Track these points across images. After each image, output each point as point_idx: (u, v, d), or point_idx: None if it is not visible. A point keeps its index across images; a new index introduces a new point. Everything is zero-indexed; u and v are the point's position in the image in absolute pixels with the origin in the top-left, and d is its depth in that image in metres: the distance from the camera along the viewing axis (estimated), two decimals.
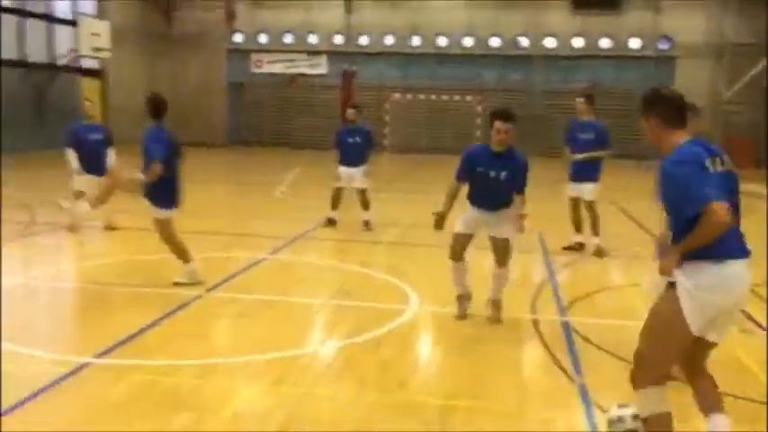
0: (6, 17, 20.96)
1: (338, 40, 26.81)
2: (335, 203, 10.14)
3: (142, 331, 5.40)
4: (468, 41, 25.93)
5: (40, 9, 22.40)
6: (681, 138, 3.39)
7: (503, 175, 5.64)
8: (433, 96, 26.32)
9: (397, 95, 26.49)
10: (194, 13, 27.27)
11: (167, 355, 4.94)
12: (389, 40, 26.42)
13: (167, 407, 4.17)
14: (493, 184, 5.67)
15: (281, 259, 8.25)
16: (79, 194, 8.41)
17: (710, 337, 3.44)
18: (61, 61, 22.81)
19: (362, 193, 10.11)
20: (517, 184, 5.72)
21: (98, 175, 8.79)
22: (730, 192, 3.31)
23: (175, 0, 27.32)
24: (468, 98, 25.70)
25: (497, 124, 5.56)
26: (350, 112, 10.38)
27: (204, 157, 22.77)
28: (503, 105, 6.41)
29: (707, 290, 3.26)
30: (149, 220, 6.77)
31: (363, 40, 26.65)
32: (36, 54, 22.07)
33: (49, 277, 7.29)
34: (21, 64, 21.33)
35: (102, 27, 22.71)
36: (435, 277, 7.69)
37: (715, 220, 3.12)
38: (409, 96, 26.49)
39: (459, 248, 5.90)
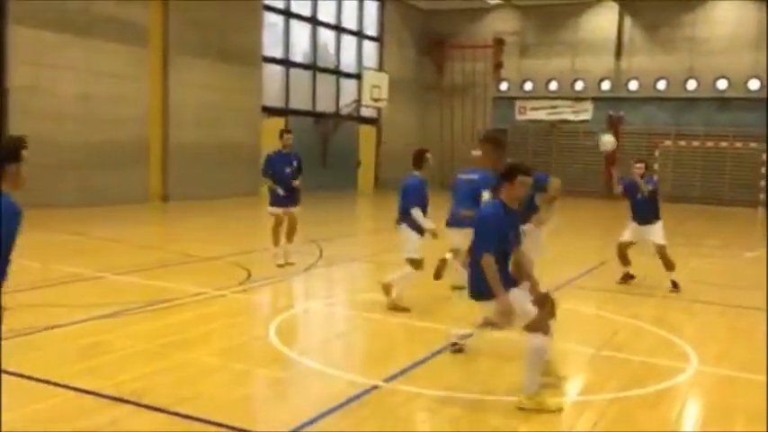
0: (302, 73, 23.88)
1: (605, 85, 26.33)
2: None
3: (422, 361, 5.82)
4: (753, 84, 23.90)
5: (330, 64, 25.20)
6: None
7: None
8: (710, 143, 24.59)
9: (668, 142, 25.20)
10: (464, 65, 28.65)
11: (445, 387, 5.26)
12: (662, 85, 25.32)
13: None
14: None
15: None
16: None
17: None
18: (344, 111, 25.27)
19: (661, 248, 9.30)
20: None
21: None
22: None
23: (447, 53, 28.95)
24: (753, 145, 23.58)
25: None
26: (638, 166, 9.72)
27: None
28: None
29: None
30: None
31: (633, 85, 25.85)
32: (324, 105, 24.76)
33: (337, 305, 8.15)
34: (312, 114, 24.07)
35: (382, 79, 24.81)
36: (718, 336, 7.24)
37: None
38: (682, 143, 25.05)
39: None
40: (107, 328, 6.45)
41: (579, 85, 26.75)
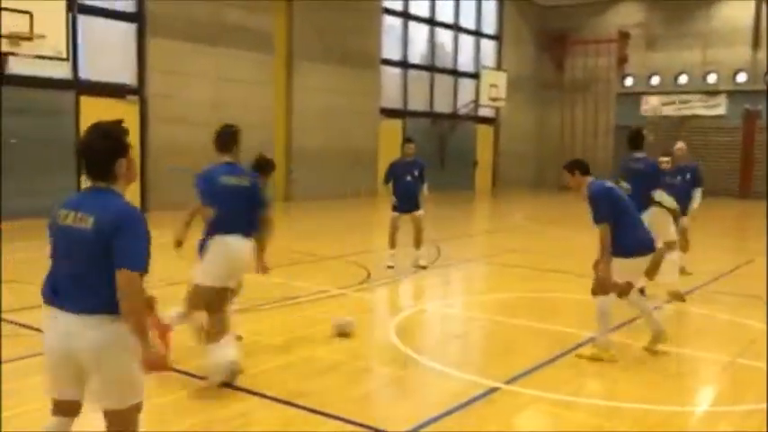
0: (419, 74, 23.99)
1: (741, 78, 24.75)
2: None
3: (544, 364, 5.71)
4: None
5: (447, 64, 25.17)
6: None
7: None
8: None
9: None
10: (586, 60, 27.79)
11: (569, 391, 5.14)
12: None
13: None
14: None
15: (677, 309, 7.91)
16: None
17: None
18: (462, 111, 25.16)
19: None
20: None
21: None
22: None
23: (568, 49, 28.18)
24: None
25: None
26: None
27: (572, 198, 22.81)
28: None
29: None
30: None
31: None
32: (442, 105, 24.77)
33: (456, 305, 8.14)
34: (429, 114, 24.15)
35: (500, 78, 24.51)
36: None
37: None
38: None
39: None
40: (236, 322, 6.75)
41: (712, 78, 25.30)
